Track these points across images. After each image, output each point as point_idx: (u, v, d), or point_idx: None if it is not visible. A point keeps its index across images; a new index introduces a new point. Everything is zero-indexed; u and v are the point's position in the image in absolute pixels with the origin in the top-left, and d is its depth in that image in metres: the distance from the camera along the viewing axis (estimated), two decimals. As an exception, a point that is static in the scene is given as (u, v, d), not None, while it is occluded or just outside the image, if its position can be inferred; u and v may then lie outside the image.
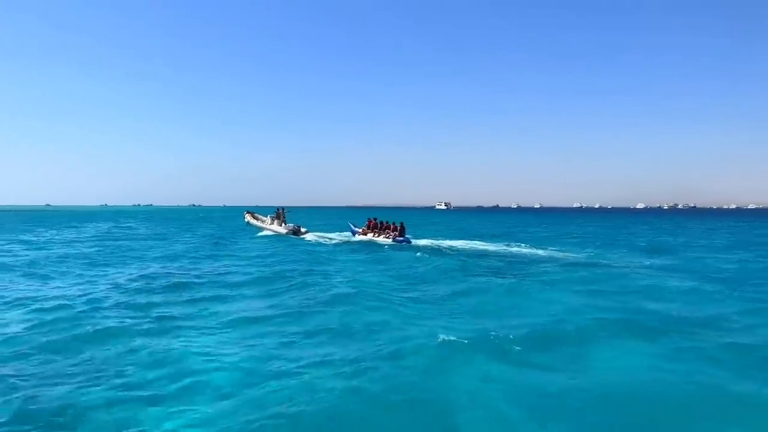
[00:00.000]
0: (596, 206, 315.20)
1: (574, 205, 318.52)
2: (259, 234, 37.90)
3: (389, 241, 29.08)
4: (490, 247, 26.99)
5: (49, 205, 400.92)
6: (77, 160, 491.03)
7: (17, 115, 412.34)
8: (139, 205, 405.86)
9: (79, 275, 16.47)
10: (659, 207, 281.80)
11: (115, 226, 53.93)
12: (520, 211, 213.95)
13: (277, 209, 40.55)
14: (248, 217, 44.06)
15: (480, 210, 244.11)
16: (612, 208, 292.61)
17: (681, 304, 11.76)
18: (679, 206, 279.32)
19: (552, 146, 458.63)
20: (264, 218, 41.42)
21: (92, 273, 17.06)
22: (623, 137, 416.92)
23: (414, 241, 28.97)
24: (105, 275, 16.43)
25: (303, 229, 37.12)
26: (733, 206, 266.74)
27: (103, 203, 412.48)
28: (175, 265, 19.41)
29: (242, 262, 20.25)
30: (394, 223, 30.53)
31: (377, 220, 32.36)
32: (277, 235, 35.92)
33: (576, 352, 7.95)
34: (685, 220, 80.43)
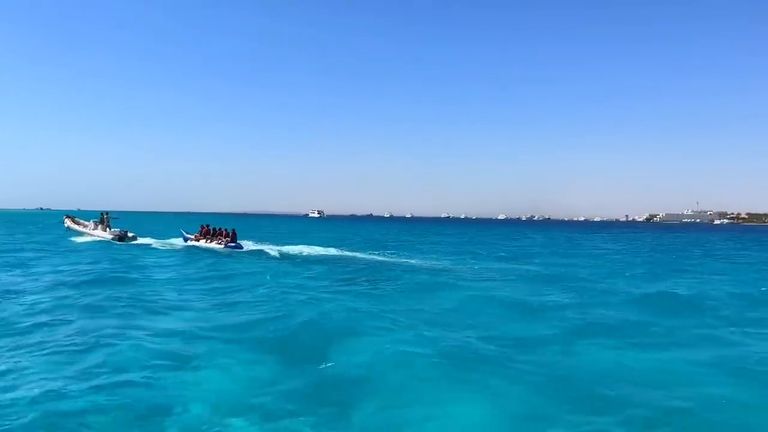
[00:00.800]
0: (462, 216, 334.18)
1: (443, 215, 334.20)
2: (80, 239, 34.92)
3: (221, 247, 29.46)
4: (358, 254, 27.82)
5: None
6: None
7: None
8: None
9: None
10: (518, 218, 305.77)
11: None
12: (393, 219, 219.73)
13: (102, 213, 37.62)
14: (68, 222, 41.34)
15: (353, 218, 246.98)
16: (476, 218, 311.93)
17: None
18: (536, 218, 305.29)
19: (421, 157, 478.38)
20: (86, 223, 39.01)
21: None
22: (488, 153, 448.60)
23: (246, 246, 30.13)
24: None
25: (131, 234, 34.99)
26: (582, 218, 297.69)
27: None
28: None
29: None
30: (226, 230, 31.22)
31: (210, 226, 32.66)
32: (102, 241, 33.55)
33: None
34: (540, 230, 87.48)
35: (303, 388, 6.59)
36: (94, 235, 35.83)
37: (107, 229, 35.83)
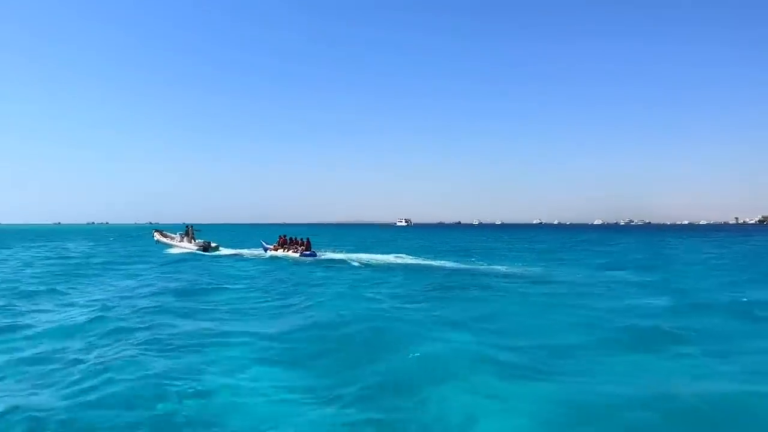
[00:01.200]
0: (555, 222, 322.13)
1: (534, 222, 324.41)
2: (170, 251, 37.93)
3: (297, 255, 31.34)
4: (447, 263, 27.63)
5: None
6: (27, 177, 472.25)
7: None
8: (93, 223, 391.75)
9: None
10: (616, 223, 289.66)
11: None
12: (481, 227, 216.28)
13: (187, 226, 40.90)
14: (157, 236, 44.53)
15: (441, 226, 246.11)
16: (571, 224, 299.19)
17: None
18: (635, 222, 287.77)
19: (511, 163, 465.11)
20: (173, 236, 41.95)
21: None
22: (583, 155, 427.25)
23: (320, 254, 31.93)
24: None
25: (214, 245, 37.75)
26: (686, 222, 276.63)
27: (56, 221, 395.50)
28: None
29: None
30: (301, 239, 33.18)
31: (287, 236, 34.95)
32: (189, 252, 36.34)
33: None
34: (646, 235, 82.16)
35: (371, 392, 6.86)
36: (181, 247, 38.81)
37: (192, 240, 38.79)
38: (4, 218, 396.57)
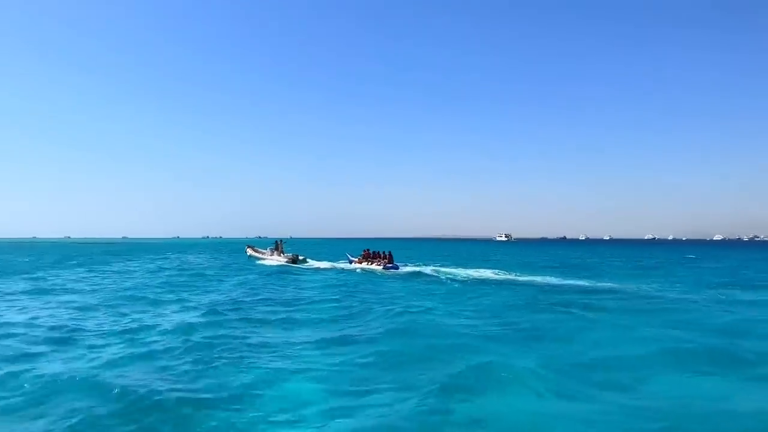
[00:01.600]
0: (669, 237, 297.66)
1: (647, 237, 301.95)
2: (261, 262, 41.04)
3: (380, 268, 32.51)
4: (551, 279, 26.86)
5: (125, 237, 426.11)
6: (150, 195, 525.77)
7: (91, 151, 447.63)
8: (208, 237, 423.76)
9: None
10: (738, 238, 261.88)
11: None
12: (588, 242, 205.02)
13: (276, 241, 43.91)
14: (250, 251, 48.36)
15: (544, 242, 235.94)
16: (686, 239, 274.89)
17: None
18: (760, 237, 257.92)
19: (620, 174, 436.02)
20: (263, 250, 45.28)
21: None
22: (701, 166, 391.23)
23: (403, 268, 32.75)
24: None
25: (301, 257, 39.72)
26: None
27: (176, 235, 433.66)
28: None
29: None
30: (384, 252, 34.34)
31: (370, 250, 36.68)
32: (279, 264, 38.44)
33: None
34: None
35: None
36: (272, 260, 41.35)
37: (281, 254, 41.21)
38: (133, 233, 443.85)
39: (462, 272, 30.13)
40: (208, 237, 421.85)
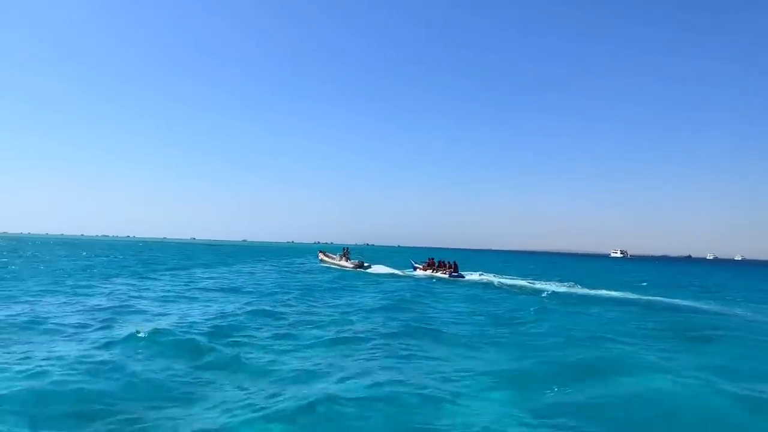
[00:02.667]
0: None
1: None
2: (330, 266, 45.64)
3: (446, 276, 34.78)
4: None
5: (245, 240, 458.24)
6: (267, 205, 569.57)
7: (217, 160, 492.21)
8: (318, 242, 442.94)
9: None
10: None
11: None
12: (716, 262, 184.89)
13: (343, 248, 48.42)
14: (321, 255, 52.01)
15: (665, 260, 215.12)
16: None
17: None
18: None
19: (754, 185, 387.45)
20: (333, 255, 48.88)
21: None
22: None
23: (467, 276, 35.07)
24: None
25: (366, 264, 42.93)
26: None
27: (291, 240, 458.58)
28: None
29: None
30: (449, 262, 36.91)
31: (434, 259, 39.34)
32: (345, 269, 42.41)
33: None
34: None
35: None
36: (340, 265, 45.39)
37: (348, 260, 44.81)
38: (251, 237, 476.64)
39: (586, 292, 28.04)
40: (318, 242, 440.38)
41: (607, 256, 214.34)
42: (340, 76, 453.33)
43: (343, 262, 45.33)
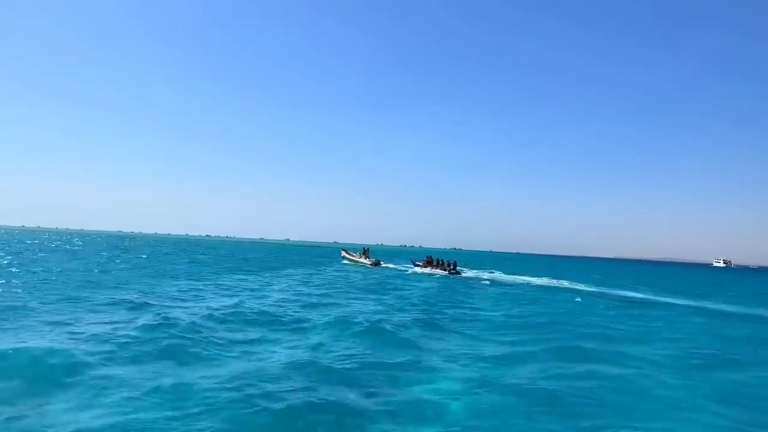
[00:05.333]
0: None
1: None
2: (351, 263, 53.67)
3: (445, 272, 41.40)
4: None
5: (336, 242, 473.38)
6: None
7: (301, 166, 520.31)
8: (405, 245, 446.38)
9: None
10: None
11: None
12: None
13: (363, 248, 56.23)
14: (344, 253, 59.03)
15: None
16: None
17: None
18: None
19: None
20: (354, 254, 56.49)
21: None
22: None
23: (464, 273, 42.75)
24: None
25: (382, 262, 51.93)
26: None
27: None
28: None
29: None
30: (449, 261, 44.04)
31: (433, 257, 46.28)
32: (365, 265, 50.59)
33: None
34: None
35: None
36: (360, 261, 53.43)
37: (367, 258, 52.69)
38: (342, 239, 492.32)
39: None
40: (405, 246, 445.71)
41: (709, 266, 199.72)
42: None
43: (363, 260, 52.94)
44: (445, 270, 42.28)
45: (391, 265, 51.34)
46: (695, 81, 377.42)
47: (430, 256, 46.69)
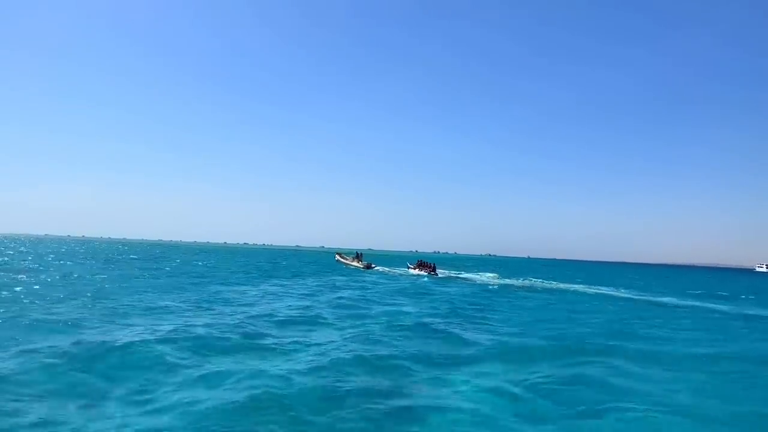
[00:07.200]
0: None
1: None
2: (346, 267, 55.39)
3: (425, 273, 48.20)
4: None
5: (371, 249, 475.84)
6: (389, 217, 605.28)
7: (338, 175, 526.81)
8: (416, 251, 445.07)
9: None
10: None
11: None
12: None
13: (356, 252, 58.70)
14: (338, 257, 61.98)
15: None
16: None
17: None
18: None
19: None
20: (348, 257, 58.91)
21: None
22: None
23: (439, 272, 49.08)
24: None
25: (373, 265, 54.07)
26: None
27: (415, 249, 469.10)
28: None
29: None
30: (430, 263, 51.16)
31: (422, 260, 53.14)
32: (357, 268, 53.02)
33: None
34: None
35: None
36: (353, 264, 55.71)
37: (360, 261, 55.19)
38: (373, 246, 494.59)
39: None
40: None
41: (752, 270, 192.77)
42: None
43: (356, 263, 55.36)
44: (425, 271, 49.09)
45: (381, 269, 54.66)
46: None
47: (420, 260, 53.26)
